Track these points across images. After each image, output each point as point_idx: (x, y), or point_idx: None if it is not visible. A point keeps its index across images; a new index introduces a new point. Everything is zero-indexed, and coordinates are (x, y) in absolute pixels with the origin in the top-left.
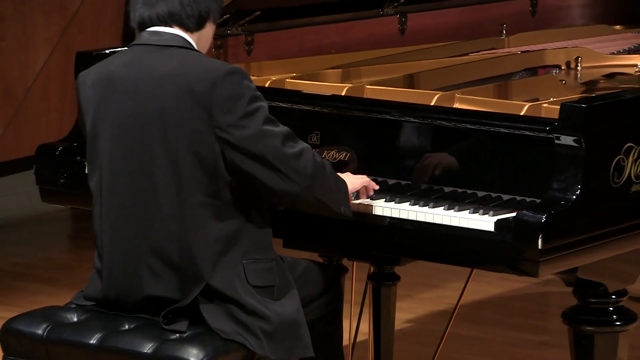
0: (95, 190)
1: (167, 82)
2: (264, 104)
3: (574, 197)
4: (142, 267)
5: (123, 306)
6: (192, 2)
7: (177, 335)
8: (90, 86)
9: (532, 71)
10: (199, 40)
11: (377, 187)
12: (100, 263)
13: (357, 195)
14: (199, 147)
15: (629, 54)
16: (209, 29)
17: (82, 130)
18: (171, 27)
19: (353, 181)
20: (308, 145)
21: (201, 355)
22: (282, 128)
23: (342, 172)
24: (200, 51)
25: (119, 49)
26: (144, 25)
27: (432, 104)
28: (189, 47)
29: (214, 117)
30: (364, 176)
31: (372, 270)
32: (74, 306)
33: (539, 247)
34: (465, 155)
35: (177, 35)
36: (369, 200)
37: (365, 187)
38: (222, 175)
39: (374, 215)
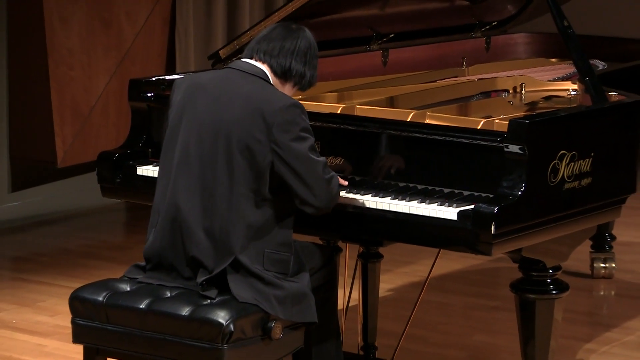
0: (165, 169)
1: (243, 99)
2: (312, 136)
3: (519, 193)
4: (190, 235)
5: (169, 262)
6: (289, 54)
7: (208, 300)
8: (184, 89)
9: (487, 94)
10: (276, 86)
11: (345, 183)
12: (154, 228)
13: None
14: (253, 152)
15: (562, 80)
16: (289, 87)
17: (163, 123)
18: (262, 63)
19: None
20: (335, 174)
21: (227, 317)
22: (321, 158)
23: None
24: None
25: (163, 77)
26: (246, 55)
27: (408, 120)
28: (267, 80)
29: (272, 133)
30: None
31: (361, 250)
32: (127, 279)
33: (492, 232)
34: (435, 160)
35: (262, 70)
36: (358, 196)
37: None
38: (265, 178)
39: (363, 207)
